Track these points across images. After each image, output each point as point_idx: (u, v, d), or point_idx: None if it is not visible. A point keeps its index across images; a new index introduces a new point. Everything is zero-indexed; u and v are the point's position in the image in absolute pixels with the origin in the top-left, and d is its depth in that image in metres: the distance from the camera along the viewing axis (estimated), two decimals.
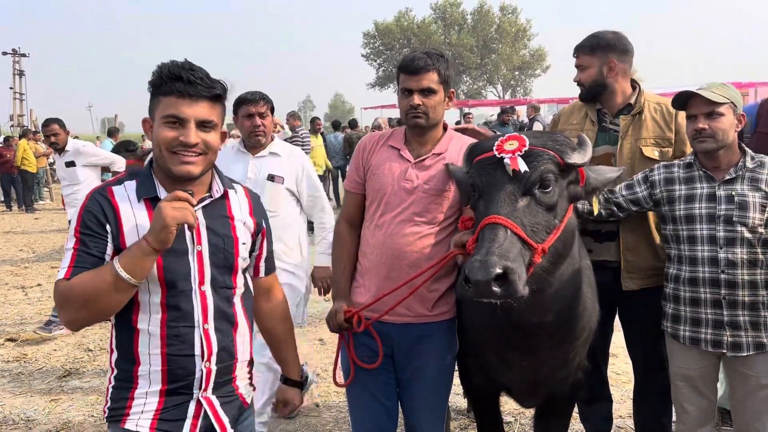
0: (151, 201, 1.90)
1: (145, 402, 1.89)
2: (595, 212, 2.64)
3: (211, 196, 2.00)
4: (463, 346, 2.70)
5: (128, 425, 1.88)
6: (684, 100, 2.74)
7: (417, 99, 2.49)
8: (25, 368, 5.38)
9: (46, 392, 4.87)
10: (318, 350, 5.67)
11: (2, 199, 18.91)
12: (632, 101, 3.15)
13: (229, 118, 2.62)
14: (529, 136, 2.21)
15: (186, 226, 1.82)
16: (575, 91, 3.37)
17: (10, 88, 38.44)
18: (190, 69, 1.87)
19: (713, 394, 2.91)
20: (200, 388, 1.93)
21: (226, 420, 1.98)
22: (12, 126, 34.09)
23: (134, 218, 1.87)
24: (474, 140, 2.60)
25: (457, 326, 2.68)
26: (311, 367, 5.22)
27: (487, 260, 1.89)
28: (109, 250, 1.85)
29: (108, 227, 1.85)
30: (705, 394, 2.88)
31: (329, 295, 3.19)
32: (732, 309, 2.69)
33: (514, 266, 1.92)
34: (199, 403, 1.94)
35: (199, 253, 1.93)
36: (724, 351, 2.74)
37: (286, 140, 11.66)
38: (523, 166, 2.11)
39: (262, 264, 2.20)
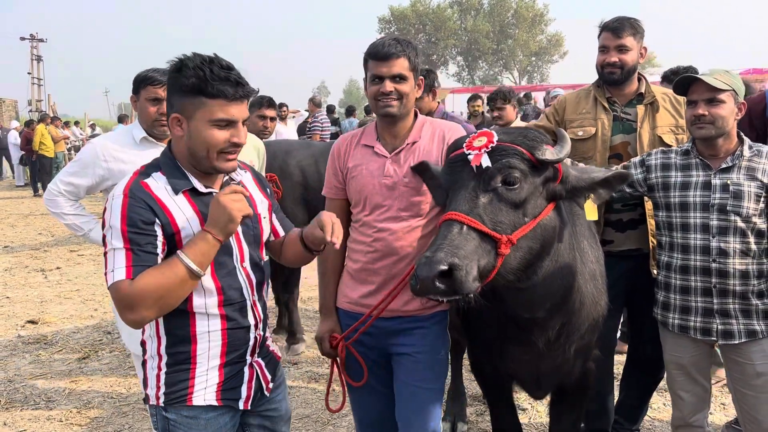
0: (190, 192, 1.96)
1: (207, 378, 2.01)
2: (588, 218, 2.47)
3: (232, 179, 2.09)
4: (471, 335, 2.69)
5: (195, 402, 1.99)
6: (686, 85, 2.71)
7: (389, 85, 2.40)
8: (45, 350, 5.47)
9: (66, 374, 4.94)
10: None
11: (25, 183, 19.22)
12: (642, 91, 3.21)
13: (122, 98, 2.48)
14: (499, 132, 2.18)
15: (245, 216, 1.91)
16: (593, 78, 3.34)
17: (28, 73, 38.80)
18: (229, 68, 1.88)
19: (707, 381, 2.92)
20: (252, 354, 2.12)
21: (269, 377, 2.19)
22: (30, 111, 34.43)
23: (180, 210, 1.92)
24: (448, 125, 2.56)
25: (463, 316, 2.67)
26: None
27: (434, 257, 1.89)
28: (160, 245, 1.86)
29: (157, 221, 1.87)
30: (699, 381, 2.88)
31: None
32: (722, 297, 2.68)
33: (461, 263, 1.90)
34: (251, 367, 2.12)
35: (236, 234, 2.04)
36: (715, 339, 2.73)
37: (306, 125, 11.72)
38: (485, 162, 2.08)
39: (278, 227, 2.32)
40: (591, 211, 2.40)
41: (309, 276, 6.95)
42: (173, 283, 1.81)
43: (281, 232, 2.32)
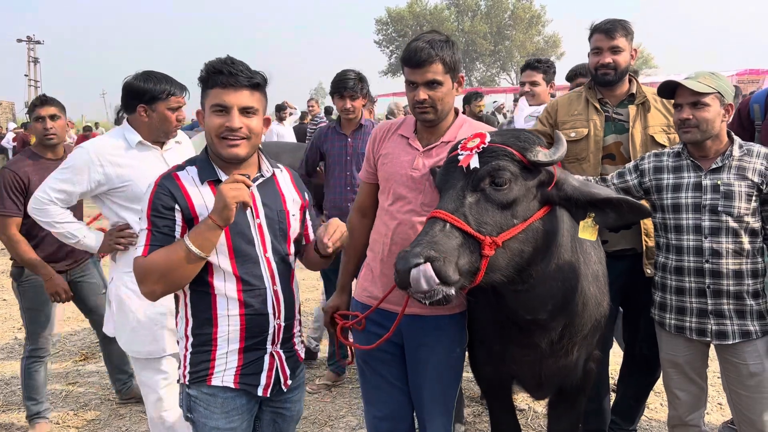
0: (214, 183, 2.15)
1: (227, 361, 2.17)
2: (579, 235, 2.27)
3: (262, 176, 2.25)
4: (473, 336, 2.70)
5: (214, 382, 2.16)
6: (671, 89, 2.73)
7: (422, 93, 2.37)
8: None
9: (64, 376, 4.95)
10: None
11: None
12: (633, 91, 3.24)
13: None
14: (492, 133, 2.18)
15: (242, 203, 2.04)
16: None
17: (25, 75, 38.83)
18: (231, 63, 2.11)
19: (703, 380, 2.93)
20: (273, 343, 2.23)
21: (288, 372, 2.29)
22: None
23: (202, 197, 2.12)
24: (487, 129, 2.54)
25: (467, 316, 2.67)
26: (324, 352, 5.26)
27: (411, 250, 1.92)
28: (179, 228, 2.09)
29: (177, 207, 2.09)
30: (695, 380, 2.90)
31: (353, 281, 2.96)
32: (716, 298, 2.69)
33: (438, 257, 1.91)
34: (272, 356, 2.24)
35: (259, 225, 2.21)
36: (709, 339, 2.75)
37: (304, 127, 11.73)
38: (474, 163, 2.09)
39: (310, 232, 2.47)
40: (585, 229, 2.23)
41: (306, 278, 6.95)
42: (174, 260, 2.00)
43: (311, 238, 2.44)
